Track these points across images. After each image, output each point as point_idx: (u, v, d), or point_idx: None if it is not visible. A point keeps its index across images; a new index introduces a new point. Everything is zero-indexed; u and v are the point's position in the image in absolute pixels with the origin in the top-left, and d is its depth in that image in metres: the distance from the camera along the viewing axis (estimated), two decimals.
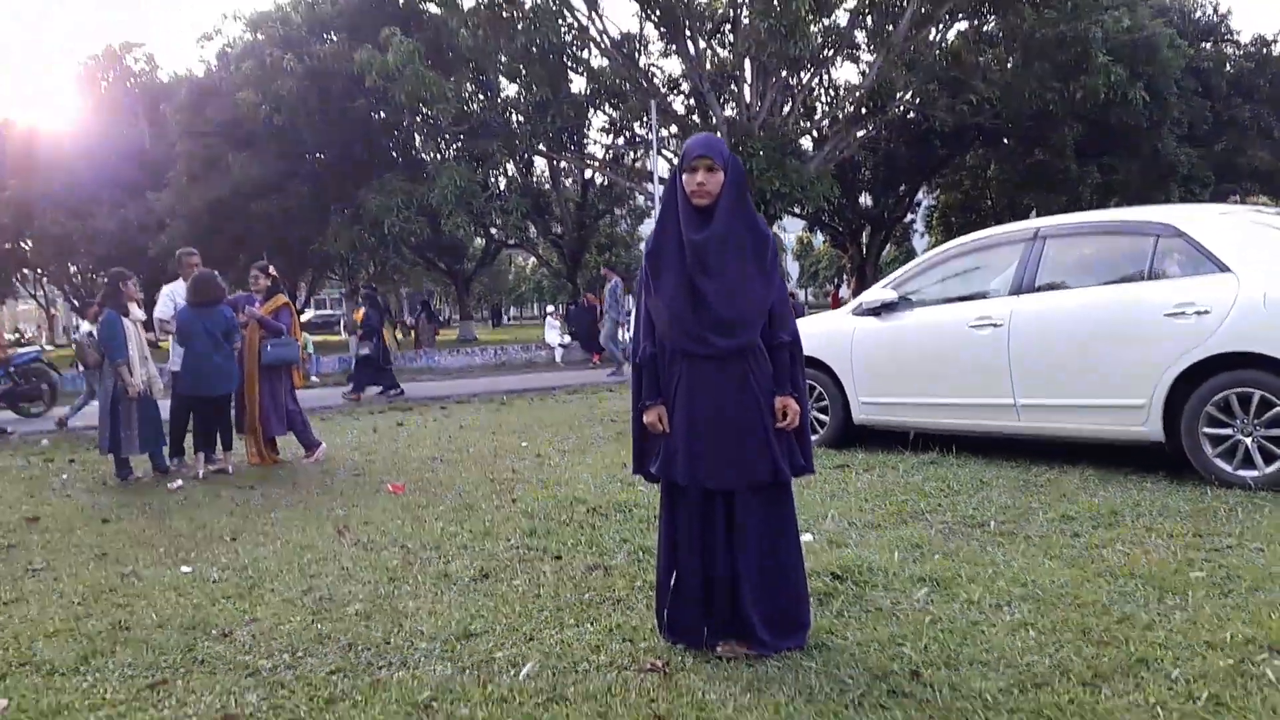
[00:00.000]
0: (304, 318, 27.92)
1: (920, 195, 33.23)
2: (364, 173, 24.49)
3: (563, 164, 28.52)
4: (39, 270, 35.72)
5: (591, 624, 3.41)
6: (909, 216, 34.41)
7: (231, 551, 4.81)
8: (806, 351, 7.02)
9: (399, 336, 20.63)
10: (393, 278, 39.98)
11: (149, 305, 8.23)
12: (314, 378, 18.24)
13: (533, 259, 37.55)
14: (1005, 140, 27.26)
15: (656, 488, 3.29)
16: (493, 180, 25.72)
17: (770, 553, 3.05)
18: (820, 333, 7.26)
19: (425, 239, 25.39)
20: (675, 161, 3.09)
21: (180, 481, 7.03)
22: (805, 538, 4.35)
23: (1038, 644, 2.97)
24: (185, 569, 4.51)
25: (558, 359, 21.23)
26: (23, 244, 31.64)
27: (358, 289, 30.29)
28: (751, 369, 3.02)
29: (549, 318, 23.83)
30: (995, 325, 5.94)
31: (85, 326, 11.09)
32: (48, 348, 17.85)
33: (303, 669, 3.13)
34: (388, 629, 3.47)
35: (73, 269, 35.09)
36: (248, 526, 5.41)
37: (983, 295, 6.29)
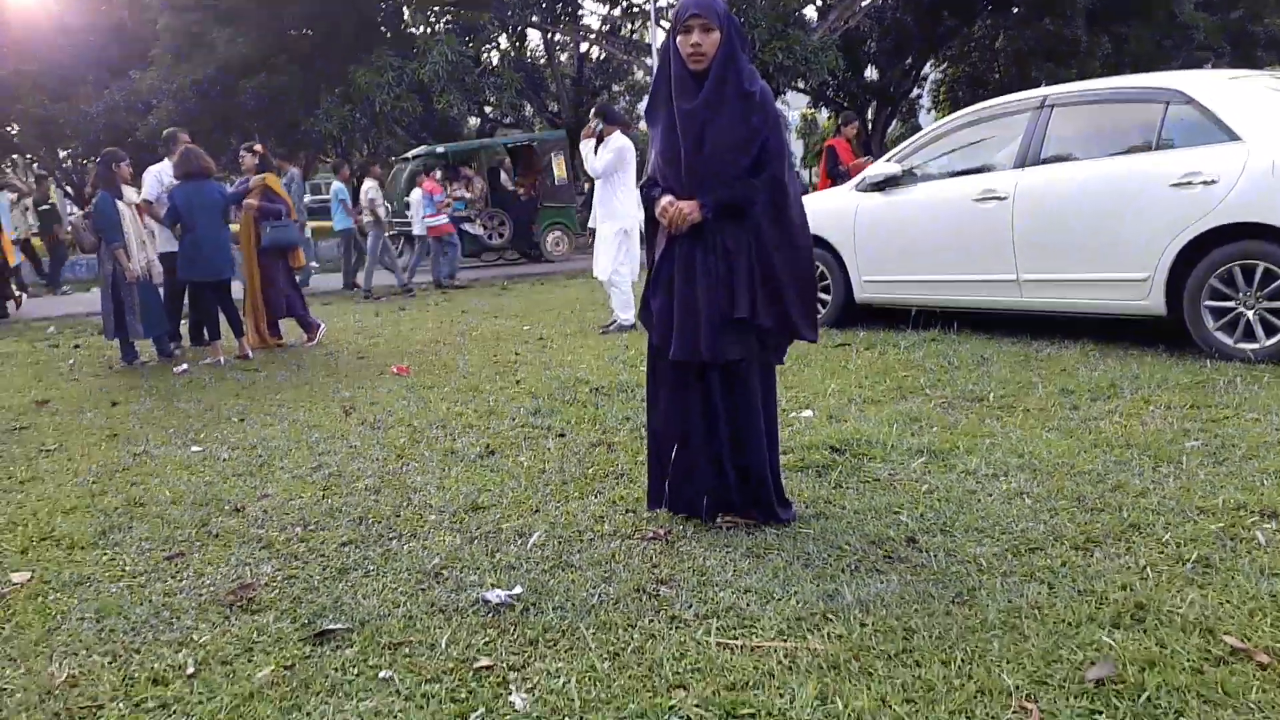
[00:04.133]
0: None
1: (927, 69, 32.29)
2: (353, 50, 23.72)
3: (557, 37, 27.61)
4: (28, 156, 35.08)
5: (595, 496, 3.49)
6: (915, 91, 33.51)
7: (240, 431, 4.88)
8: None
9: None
10: (388, 160, 39.24)
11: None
12: (313, 264, 18.08)
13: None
14: (1014, 9, 26.31)
15: None
16: (485, 55, 24.94)
17: (739, 431, 3.03)
18: (823, 210, 7.16)
19: (418, 118, 24.84)
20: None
21: (186, 365, 7.08)
22: (805, 414, 4.42)
23: (1032, 511, 3.03)
24: (195, 448, 4.58)
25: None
26: (8, 129, 30.91)
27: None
28: (716, 239, 2.93)
29: None
30: (999, 199, 5.86)
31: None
32: None
33: (315, 541, 3.21)
34: (397, 503, 3.55)
35: (62, 154, 34.46)
36: (255, 408, 5.47)
37: (988, 168, 6.18)
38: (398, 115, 23.04)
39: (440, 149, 17.72)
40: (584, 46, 28.53)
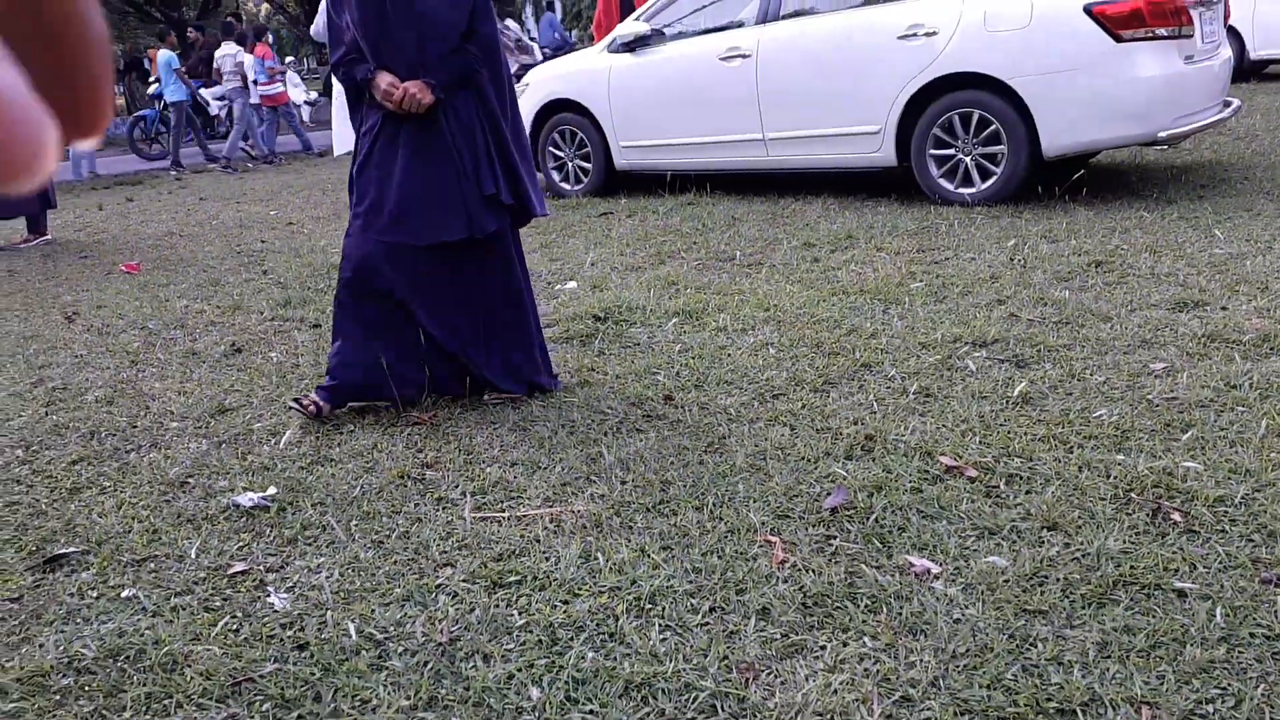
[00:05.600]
0: None
1: None
2: None
3: None
4: None
5: None
6: None
7: None
8: (565, 94, 6.92)
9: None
10: None
11: None
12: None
13: (265, 4, 33.57)
14: None
15: None
16: None
17: (490, 309, 2.98)
18: (577, 73, 7.04)
19: None
20: None
21: None
22: (569, 285, 4.44)
23: (776, 360, 3.22)
24: None
25: (305, 118, 19.63)
26: None
27: None
28: (448, 116, 2.80)
29: (289, 73, 21.74)
30: (744, 56, 5.96)
31: None
32: None
33: (40, 462, 2.93)
34: (133, 413, 3.29)
35: None
36: None
37: (734, 25, 6.24)
38: None
39: None
40: None
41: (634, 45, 6.57)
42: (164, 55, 12.45)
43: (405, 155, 2.82)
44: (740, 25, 6.19)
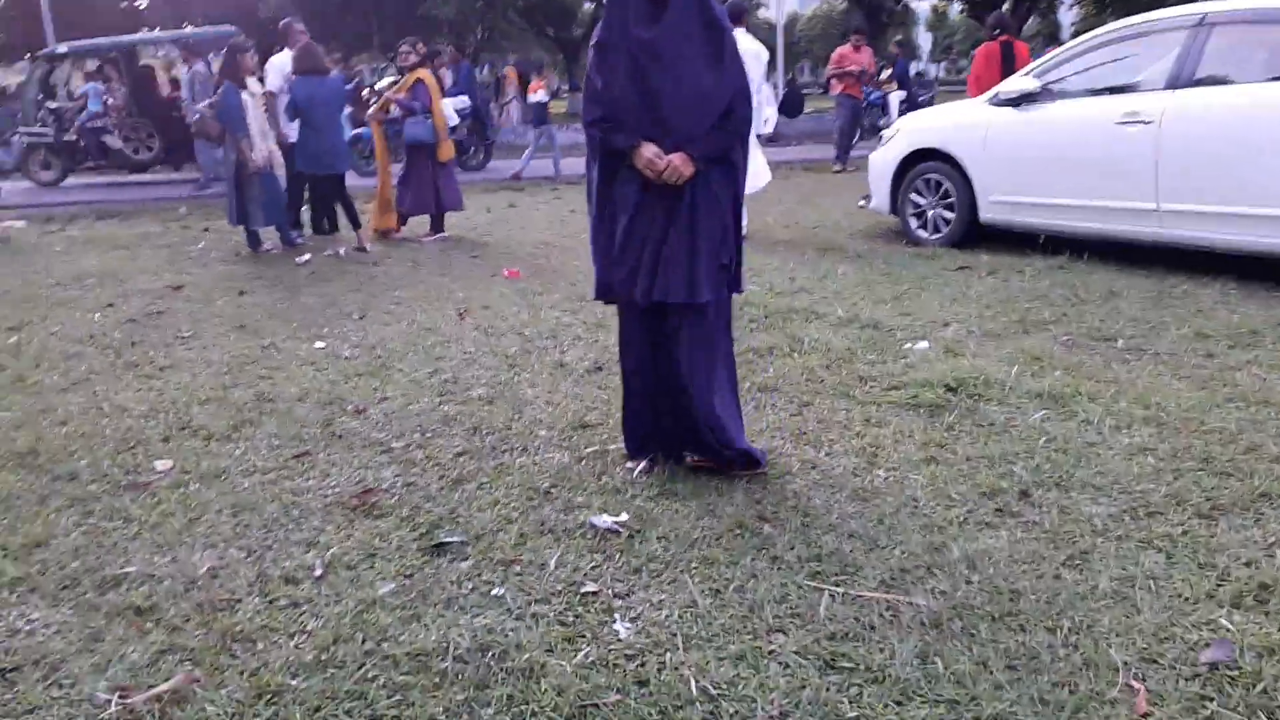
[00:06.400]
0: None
1: None
2: None
3: None
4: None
5: None
6: None
7: (360, 329, 5.06)
8: (932, 144, 6.78)
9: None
10: (502, 44, 39.03)
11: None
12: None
13: None
14: None
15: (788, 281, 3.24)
16: None
17: (699, 372, 2.96)
18: (951, 124, 6.89)
19: (534, 2, 24.51)
20: None
21: (309, 255, 7.32)
22: (920, 345, 4.33)
23: (1155, 470, 2.92)
24: (319, 344, 4.77)
25: None
26: (135, 2, 31.73)
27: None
28: (699, 188, 2.82)
29: None
30: (1145, 123, 5.49)
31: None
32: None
33: (432, 449, 3.34)
34: (509, 415, 3.65)
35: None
36: (374, 305, 5.64)
37: (1133, 89, 5.79)
38: None
39: (63, 49, 14.95)
40: None
41: (1019, 101, 6.30)
42: None
43: (654, 216, 2.86)
44: (1136, 88, 5.73)
